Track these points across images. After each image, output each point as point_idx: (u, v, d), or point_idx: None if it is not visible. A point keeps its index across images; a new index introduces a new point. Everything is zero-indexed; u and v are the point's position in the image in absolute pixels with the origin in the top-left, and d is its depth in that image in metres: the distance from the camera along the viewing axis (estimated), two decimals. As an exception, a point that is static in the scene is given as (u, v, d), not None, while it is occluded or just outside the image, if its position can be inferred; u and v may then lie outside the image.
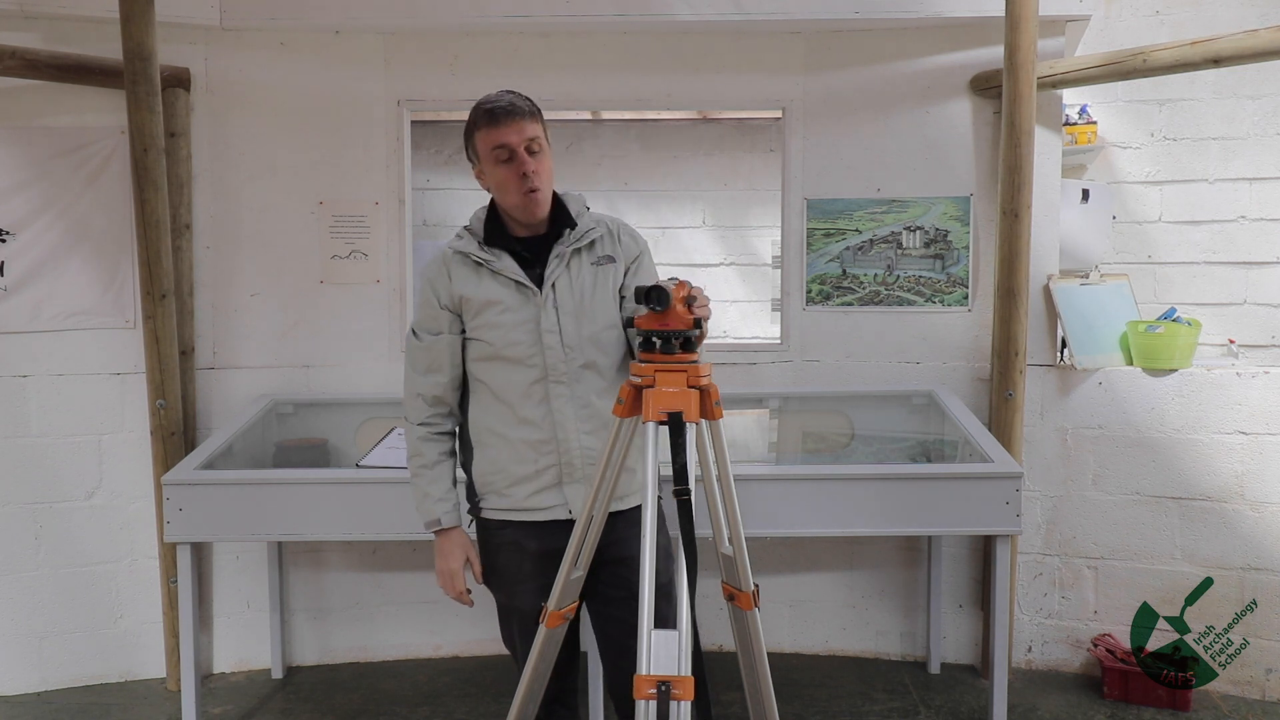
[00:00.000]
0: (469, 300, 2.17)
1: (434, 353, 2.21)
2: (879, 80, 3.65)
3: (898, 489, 2.96)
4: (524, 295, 2.16)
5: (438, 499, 2.22)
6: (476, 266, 2.18)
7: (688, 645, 1.88)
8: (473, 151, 2.18)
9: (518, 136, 2.10)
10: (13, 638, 3.46)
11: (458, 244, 2.22)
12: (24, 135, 3.39)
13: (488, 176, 2.17)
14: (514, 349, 2.14)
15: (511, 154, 2.11)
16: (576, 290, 2.17)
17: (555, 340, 2.15)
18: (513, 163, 2.11)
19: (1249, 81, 3.88)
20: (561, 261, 2.18)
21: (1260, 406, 3.34)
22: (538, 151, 2.13)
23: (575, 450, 2.17)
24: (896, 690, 3.48)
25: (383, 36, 3.62)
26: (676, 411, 1.98)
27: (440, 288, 2.19)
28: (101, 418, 3.49)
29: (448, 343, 2.20)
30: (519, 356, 2.15)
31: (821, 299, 3.72)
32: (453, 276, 2.19)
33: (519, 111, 2.12)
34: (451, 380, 2.23)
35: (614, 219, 2.31)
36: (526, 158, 2.11)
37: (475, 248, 2.19)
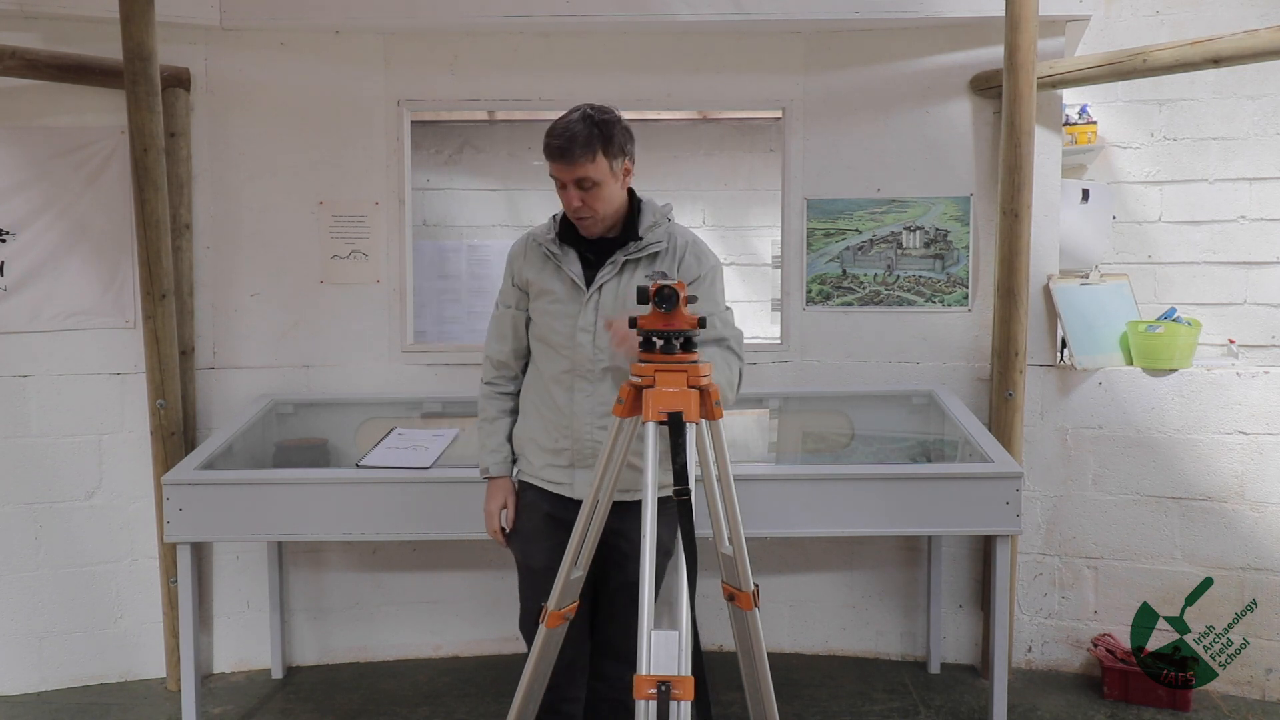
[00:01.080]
0: (532, 284, 2.39)
1: (503, 322, 2.45)
2: (879, 80, 3.65)
3: (898, 489, 2.96)
4: (575, 292, 2.33)
5: (491, 450, 2.43)
6: (545, 257, 2.37)
7: (688, 645, 1.89)
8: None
9: (567, 175, 2.24)
10: (13, 638, 3.46)
11: (539, 232, 2.41)
12: (24, 135, 3.39)
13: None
14: (554, 336, 2.34)
15: (564, 185, 2.26)
16: (621, 296, 2.30)
17: (588, 339, 2.30)
18: (565, 190, 2.26)
19: (1249, 81, 3.88)
20: (615, 268, 2.32)
21: (1260, 406, 3.34)
22: (591, 187, 2.24)
23: (586, 442, 2.33)
24: (896, 690, 3.48)
25: (383, 36, 3.62)
26: (676, 411, 1.98)
27: (516, 267, 2.43)
28: (101, 418, 3.49)
29: (514, 316, 2.43)
30: (556, 345, 2.34)
31: (821, 299, 3.72)
32: (526, 259, 2.41)
33: (570, 155, 2.21)
34: (515, 349, 2.46)
35: (690, 237, 2.42)
36: (574, 193, 2.25)
37: (550, 240, 2.36)
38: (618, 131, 2.28)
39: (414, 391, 3.67)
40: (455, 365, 3.68)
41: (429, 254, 5.33)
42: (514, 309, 2.44)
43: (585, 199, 2.25)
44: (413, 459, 3.06)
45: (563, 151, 2.22)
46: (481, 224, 5.58)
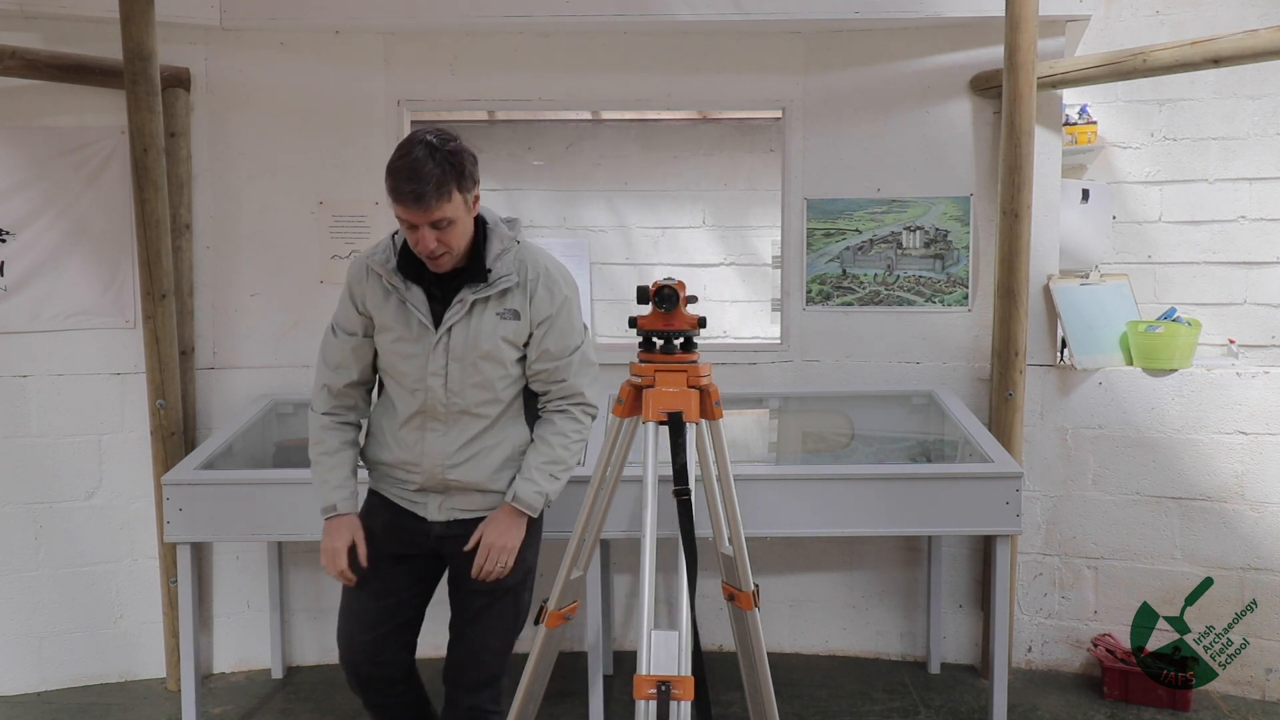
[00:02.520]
0: (374, 317, 2.20)
1: (344, 351, 2.24)
2: (879, 80, 3.65)
3: (898, 489, 2.96)
4: (423, 332, 2.16)
5: (335, 485, 2.23)
6: (386, 290, 2.17)
7: (688, 645, 1.89)
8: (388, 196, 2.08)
9: (422, 218, 2.03)
10: (13, 638, 3.46)
11: (376, 259, 2.18)
12: (24, 135, 3.39)
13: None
14: (403, 378, 2.19)
15: (413, 228, 2.06)
16: (471, 337, 2.15)
17: (439, 384, 2.16)
18: (415, 231, 2.06)
19: (1249, 81, 3.88)
20: (464, 307, 2.15)
21: (1260, 406, 3.34)
22: (447, 226, 2.05)
23: (439, 478, 2.21)
24: (896, 690, 3.48)
25: (383, 36, 3.62)
26: (676, 411, 1.98)
27: (358, 294, 2.21)
28: (101, 418, 3.49)
29: (358, 344, 2.23)
30: (406, 386, 2.19)
31: (821, 299, 3.72)
32: (368, 287, 2.19)
33: (425, 199, 2.00)
34: (359, 379, 2.27)
35: (540, 266, 2.22)
36: (427, 235, 2.05)
37: (391, 272, 2.16)
38: (467, 160, 2.07)
39: (414, 391, 3.67)
40: (455, 365, 3.68)
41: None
42: (359, 335, 2.23)
43: (441, 238, 2.06)
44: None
45: (417, 196, 2.00)
46: (481, 224, 5.57)
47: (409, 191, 2.00)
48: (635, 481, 2.48)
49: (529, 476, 2.20)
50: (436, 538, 2.25)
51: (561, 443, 2.24)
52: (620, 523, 2.92)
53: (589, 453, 3.07)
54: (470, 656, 2.28)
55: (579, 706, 3.14)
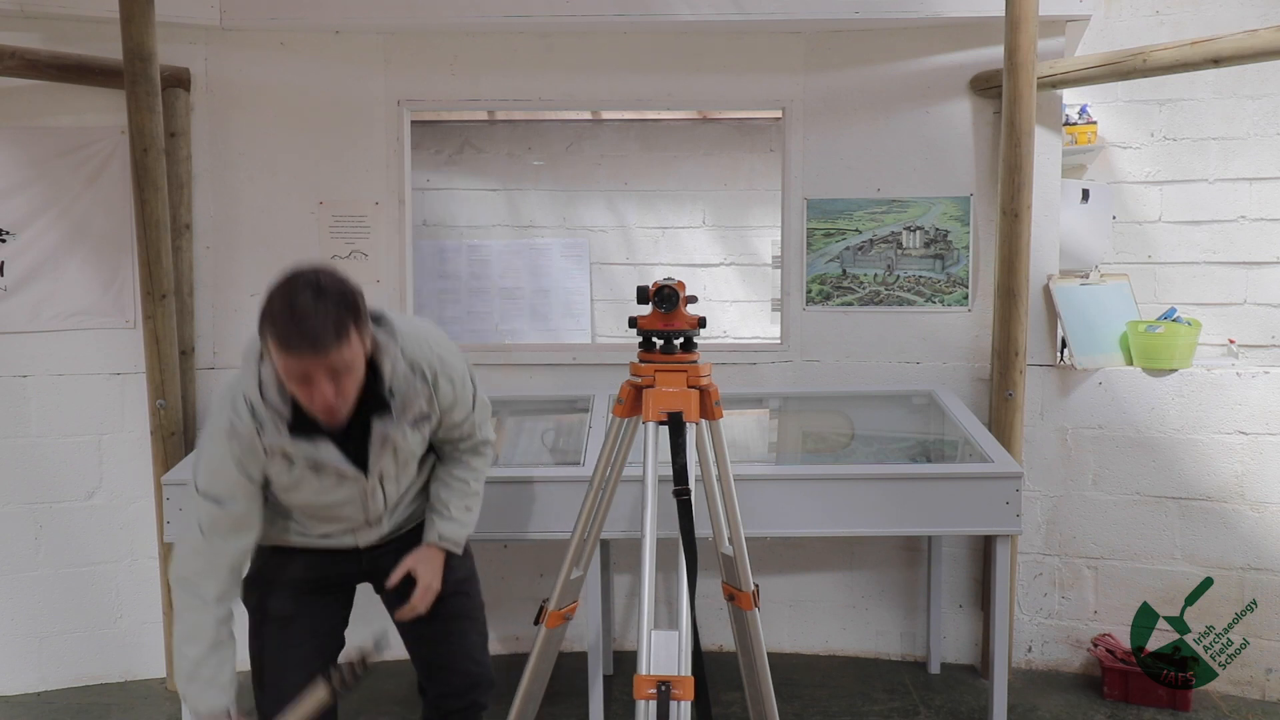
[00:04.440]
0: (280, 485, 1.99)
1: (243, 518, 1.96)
2: (879, 80, 3.65)
3: (898, 489, 2.96)
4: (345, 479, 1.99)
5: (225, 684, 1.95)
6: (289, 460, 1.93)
7: (688, 645, 1.89)
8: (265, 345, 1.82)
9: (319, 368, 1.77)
10: (13, 638, 3.46)
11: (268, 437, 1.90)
12: (24, 135, 3.39)
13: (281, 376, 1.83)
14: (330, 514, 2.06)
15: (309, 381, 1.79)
16: (402, 459, 2.06)
17: (379, 505, 2.08)
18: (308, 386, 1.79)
19: (1249, 81, 3.87)
20: (386, 444, 1.98)
21: (1260, 406, 3.34)
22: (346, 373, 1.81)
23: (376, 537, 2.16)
24: (896, 690, 3.48)
25: (383, 36, 3.62)
26: (676, 411, 1.98)
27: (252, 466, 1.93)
28: (101, 418, 3.49)
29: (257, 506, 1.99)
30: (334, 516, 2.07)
31: (821, 299, 3.72)
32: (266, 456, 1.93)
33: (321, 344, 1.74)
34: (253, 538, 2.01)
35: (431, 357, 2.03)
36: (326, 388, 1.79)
37: (288, 441, 1.90)
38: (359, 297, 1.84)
39: (414, 391, 3.67)
40: (455, 365, 3.68)
41: (429, 254, 5.33)
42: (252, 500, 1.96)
43: (341, 390, 1.81)
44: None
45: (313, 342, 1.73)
46: (481, 224, 5.57)
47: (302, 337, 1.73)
48: (635, 481, 2.48)
49: (452, 518, 2.17)
50: (368, 563, 2.18)
51: (475, 479, 2.23)
52: (620, 523, 2.91)
53: (589, 453, 3.08)
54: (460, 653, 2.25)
55: (579, 706, 3.13)
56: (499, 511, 2.96)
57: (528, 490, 2.96)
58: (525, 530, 2.97)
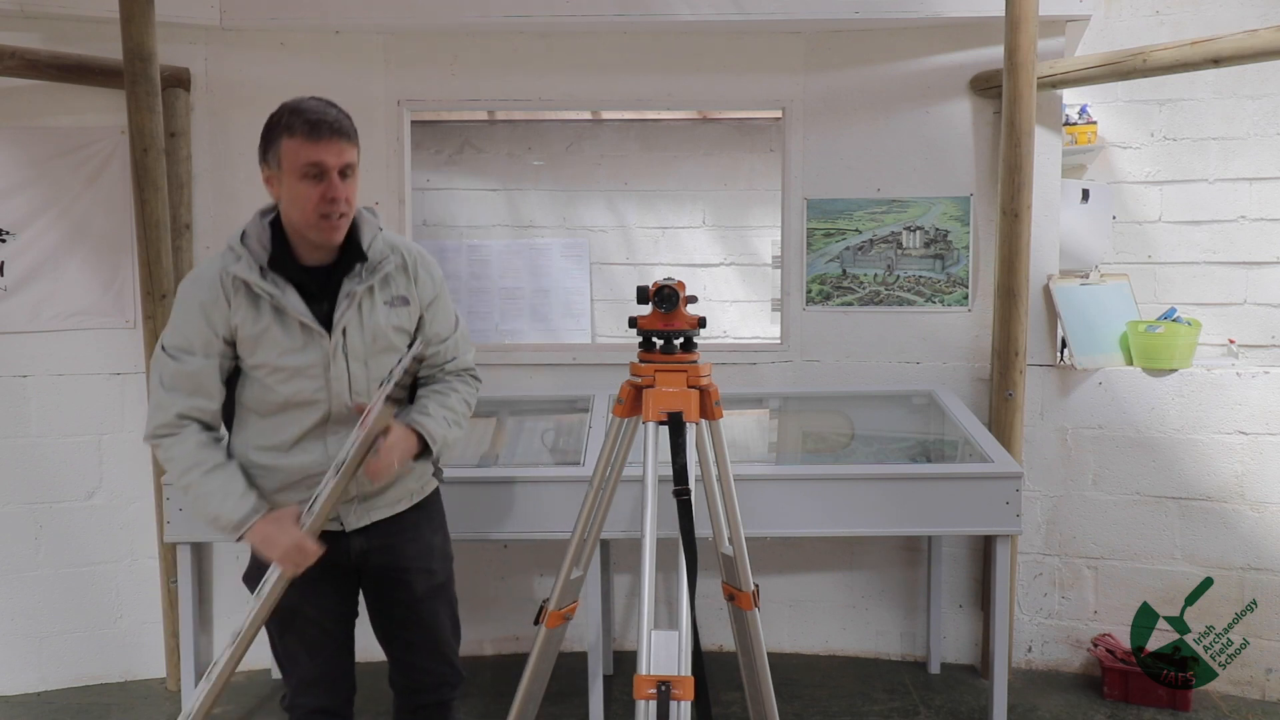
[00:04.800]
0: (246, 336, 1.97)
1: (201, 377, 1.98)
2: (879, 80, 3.65)
3: (898, 489, 2.96)
4: (309, 336, 1.98)
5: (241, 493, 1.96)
6: (256, 298, 1.96)
7: (688, 645, 1.89)
8: (273, 155, 1.94)
9: (335, 159, 1.91)
10: (13, 638, 3.46)
11: (236, 267, 1.95)
12: (24, 135, 3.39)
13: (283, 188, 1.94)
14: (300, 395, 1.99)
15: (322, 174, 1.91)
16: (368, 333, 2.02)
17: (343, 387, 2.01)
18: (320, 183, 1.90)
19: (1249, 81, 3.87)
20: (353, 301, 2.00)
21: (1260, 406, 3.34)
22: (350, 177, 1.95)
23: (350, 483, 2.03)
24: (896, 690, 3.48)
25: (383, 36, 3.62)
26: (676, 411, 1.98)
27: (216, 315, 1.96)
28: (101, 418, 3.49)
29: (216, 367, 1.99)
30: (302, 401, 2.00)
31: (821, 299, 3.72)
32: (231, 303, 1.96)
33: (343, 132, 1.92)
34: (220, 405, 2.03)
35: (411, 247, 2.13)
36: (338, 182, 1.91)
37: (257, 276, 1.95)
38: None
39: (414, 391, 3.67)
40: (455, 365, 3.68)
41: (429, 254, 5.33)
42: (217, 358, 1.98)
43: (347, 191, 1.92)
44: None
45: (337, 128, 1.90)
46: (481, 224, 5.57)
47: (326, 122, 1.89)
48: (635, 481, 2.48)
49: (430, 414, 2.09)
50: (357, 554, 2.12)
51: (458, 399, 2.16)
52: (620, 523, 2.91)
53: (589, 453, 3.08)
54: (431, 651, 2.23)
55: (579, 706, 3.14)
56: (499, 511, 2.96)
57: (528, 490, 2.96)
58: (525, 530, 2.97)
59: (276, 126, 1.94)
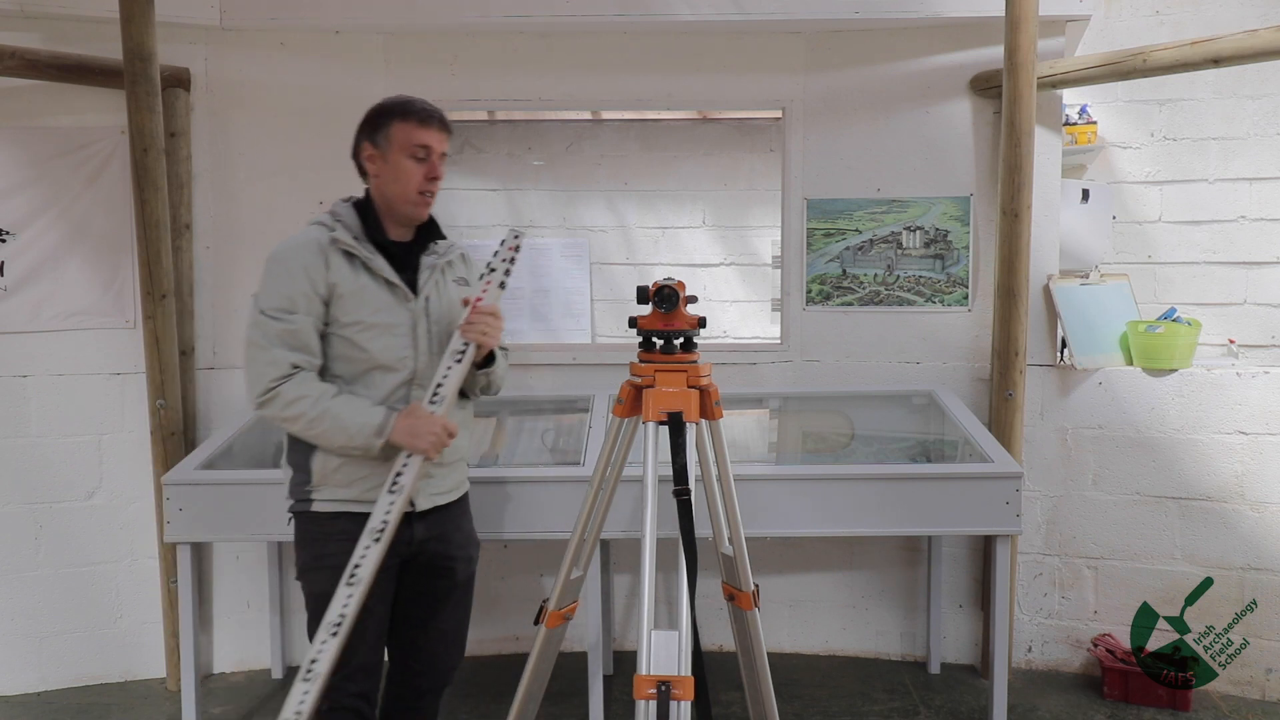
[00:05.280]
0: (343, 293, 2.12)
1: (304, 335, 2.10)
2: (879, 80, 3.65)
3: (898, 489, 2.96)
4: (396, 298, 2.16)
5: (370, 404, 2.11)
6: (351, 259, 2.15)
7: (688, 645, 1.89)
8: (382, 136, 2.19)
9: (439, 145, 2.20)
10: (13, 638, 3.46)
11: (336, 232, 2.16)
12: (24, 135, 3.39)
13: (388, 165, 2.18)
14: (385, 350, 2.14)
15: (428, 155, 2.18)
16: (444, 303, 2.23)
17: (426, 347, 2.18)
18: (425, 163, 2.18)
19: (1249, 81, 3.88)
20: (433, 273, 2.23)
21: (1260, 406, 3.34)
22: (442, 161, 2.22)
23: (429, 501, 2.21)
24: (896, 690, 3.48)
25: (383, 36, 3.62)
26: (676, 411, 1.98)
27: (316, 275, 2.11)
28: (101, 418, 3.49)
29: (312, 326, 2.11)
30: (388, 359, 2.14)
31: (821, 299, 3.72)
32: (330, 265, 2.12)
33: (446, 125, 2.22)
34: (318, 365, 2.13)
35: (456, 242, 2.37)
36: (438, 164, 2.19)
37: (352, 241, 2.15)
38: None
39: (414, 391, 3.67)
40: (455, 365, 3.68)
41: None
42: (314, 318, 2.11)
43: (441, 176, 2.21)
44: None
45: (443, 121, 2.20)
46: (481, 224, 5.57)
47: (436, 114, 2.19)
48: (635, 481, 2.48)
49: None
50: (417, 541, 2.20)
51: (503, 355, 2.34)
52: (620, 523, 2.92)
53: (589, 453, 3.08)
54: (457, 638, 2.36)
55: (579, 706, 3.14)
56: (499, 511, 2.96)
57: (528, 490, 2.96)
58: (525, 530, 2.97)
59: (389, 112, 2.19)
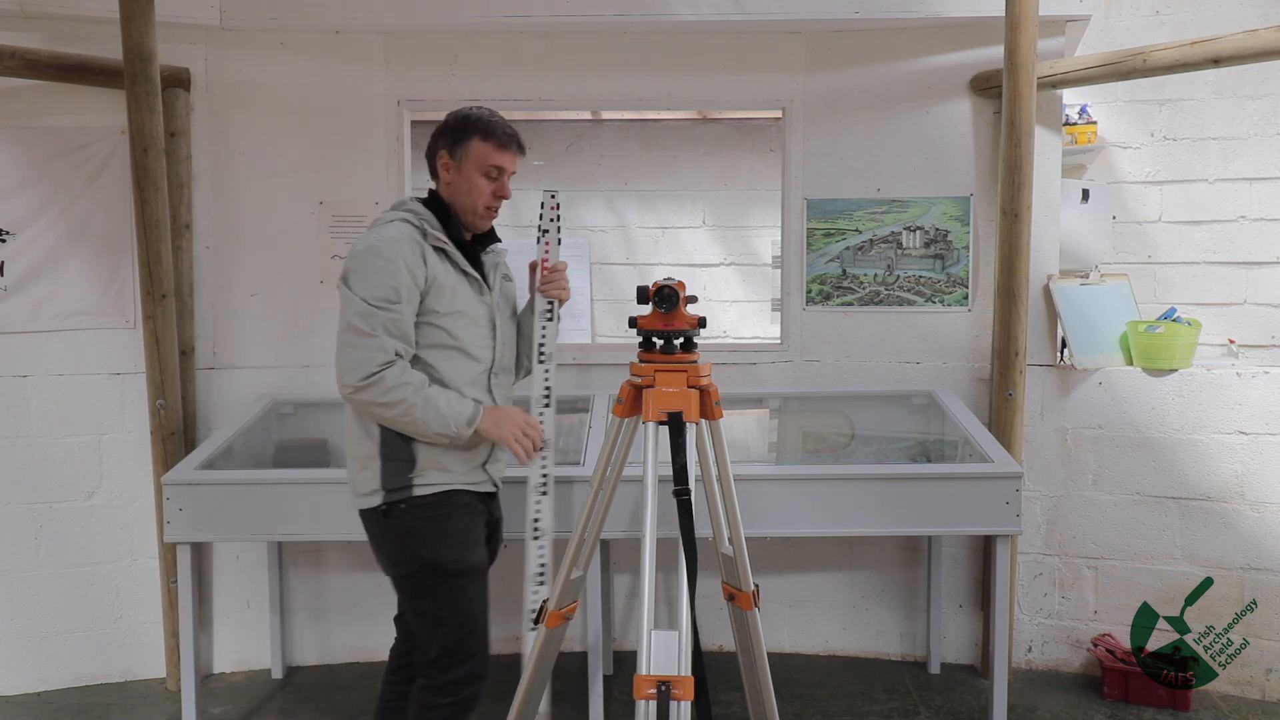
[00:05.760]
0: (441, 285, 2.24)
1: (404, 324, 2.18)
2: (879, 80, 3.65)
3: (898, 489, 2.96)
4: (475, 290, 2.31)
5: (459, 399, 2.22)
6: (441, 254, 2.27)
7: (688, 645, 1.89)
8: (460, 150, 2.29)
9: (511, 166, 2.32)
10: (13, 638, 3.46)
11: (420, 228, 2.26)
12: (24, 135, 3.39)
13: (461, 177, 2.30)
14: (472, 340, 2.29)
15: (500, 175, 2.31)
16: (505, 296, 2.44)
17: (499, 338, 2.37)
18: (494, 182, 2.31)
19: (1249, 81, 3.88)
20: (496, 271, 2.41)
21: (1260, 406, 3.34)
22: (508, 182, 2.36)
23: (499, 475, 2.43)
24: (896, 690, 3.48)
25: (383, 36, 3.62)
26: (676, 411, 1.98)
27: (416, 268, 2.20)
28: (101, 418, 3.49)
29: (411, 316, 2.20)
30: (474, 348, 2.29)
31: (821, 299, 3.72)
32: (427, 260, 2.23)
33: (521, 148, 2.33)
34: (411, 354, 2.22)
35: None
36: (507, 183, 2.33)
37: (445, 238, 2.28)
38: None
39: (414, 391, 3.67)
40: (455, 365, 3.68)
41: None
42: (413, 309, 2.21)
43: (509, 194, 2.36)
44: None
45: (520, 146, 2.31)
46: (481, 224, 5.57)
47: (513, 136, 2.29)
48: (635, 481, 2.48)
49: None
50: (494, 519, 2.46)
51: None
52: (620, 523, 2.92)
53: (589, 453, 3.08)
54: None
55: (579, 706, 3.14)
56: (499, 511, 2.96)
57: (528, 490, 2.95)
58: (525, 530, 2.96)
59: (471, 128, 2.28)
